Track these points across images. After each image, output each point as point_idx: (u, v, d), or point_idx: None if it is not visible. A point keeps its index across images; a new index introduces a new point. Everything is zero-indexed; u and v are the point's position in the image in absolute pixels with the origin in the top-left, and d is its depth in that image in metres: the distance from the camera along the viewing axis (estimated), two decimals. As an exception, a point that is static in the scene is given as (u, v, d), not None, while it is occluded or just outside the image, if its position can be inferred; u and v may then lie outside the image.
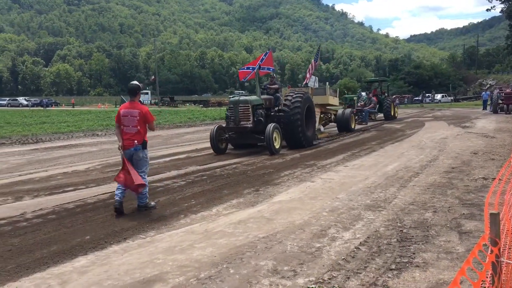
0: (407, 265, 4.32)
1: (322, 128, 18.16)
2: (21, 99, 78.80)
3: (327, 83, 19.41)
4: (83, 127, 24.93)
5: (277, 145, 12.75)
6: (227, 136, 13.38)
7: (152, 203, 6.80)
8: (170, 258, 4.60)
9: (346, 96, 33.50)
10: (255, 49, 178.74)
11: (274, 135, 12.52)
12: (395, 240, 5.06)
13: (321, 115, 18.52)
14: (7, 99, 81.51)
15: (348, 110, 20.07)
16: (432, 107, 47.05)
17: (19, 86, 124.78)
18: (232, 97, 15.42)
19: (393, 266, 4.29)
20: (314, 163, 10.95)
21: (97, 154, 13.70)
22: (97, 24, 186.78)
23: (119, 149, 6.61)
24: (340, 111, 19.86)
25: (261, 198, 7.29)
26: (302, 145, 13.80)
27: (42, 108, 65.53)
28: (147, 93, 77.85)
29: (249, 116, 12.91)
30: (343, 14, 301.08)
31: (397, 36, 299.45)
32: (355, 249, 4.77)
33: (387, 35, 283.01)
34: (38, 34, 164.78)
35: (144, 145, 6.56)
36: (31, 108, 65.98)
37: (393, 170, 9.58)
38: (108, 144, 16.55)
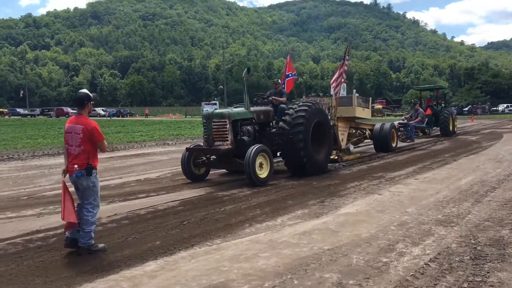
0: (481, 284, 4.10)
1: (351, 148, 14.75)
2: (99, 110, 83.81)
3: (354, 90, 15.76)
4: (155, 137, 25.96)
5: (263, 173, 9.53)
6: (204, 159, 10.34)
7: (100, 245, 5.29)
8: (236, 266, 4.67)
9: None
10: (323, 59, 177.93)
11: (258, 161, 9.40)
12: (468, 257, 4.81)
13: (353, 131, 15.27)
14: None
15: (388, 125, 16.09)
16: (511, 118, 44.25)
17: (98, 97, 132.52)
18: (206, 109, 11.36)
19: (465, 285, 4.08)
20: (382, 175, 10.68)
21: (168, 163, 14.22)
22: (170, 38, 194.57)
23: (62, 174, 5.47)
24: (377, 126, 16.05)
25: (326, 210, 7.22)
26: (307, 172, 10.51)
27: (109, 118, 69.43)
28: (215, 103, 79.66)
29: (226, 134, 9.78)
30: (415, 22, 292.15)
31: (473, 44, 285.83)
32: (424, 266, 4.59)
33: (462, 43, 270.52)
34: (115, 48, 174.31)
35: (88, 170, 5.19)
36: (108, 118, 69.99)
37: (467, 184, 9.12)
38: (177, 153, 17.11)
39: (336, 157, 12.83)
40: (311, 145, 10.55)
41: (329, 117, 12.38)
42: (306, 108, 10.62)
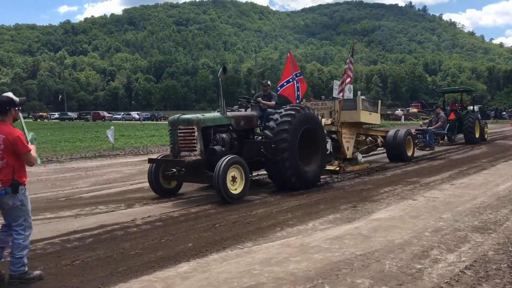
0: (520, 294, 3.97)
1: (359, 157, 13.05)
2: (134, 113, 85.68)
3: (359, 92, 13.93)
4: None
5: (236, 188, 8.27)
6: (174, 171, 8.87)
7: (36, 272, 4.55)
8: (266, 270, 4.69)
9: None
10: (356, 62, 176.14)
11: (230, 174, 8.16)
12: (505, 265, 4.67)
13: (362, 138, 13.91)
14: (122, 113, 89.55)
15: (402, 131, 14.33)
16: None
17: (132, 102, 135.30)
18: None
19: (503, 294, 3.97)
20: (416, 180, 10.49)
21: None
22: (203, 42, 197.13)
23: None
24: (391, 132, 14.33)
25: (358, 215, 7.15)
26: (294, 186, 9.25)
27: (142, 122, 70.82)
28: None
29: (194, 143, 8.56)
30: (452, 24, 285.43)
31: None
32: (459, 273, 4.49)
33: (501, 45, 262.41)
34: (150, 53, 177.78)
35: (14, 187, 4.42)
36: (142, 122, 71.53)
37: (505, 190, 8.85)
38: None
39: (338, 168, 11.66)
40: (299, 155, 9.39)
41: (332, 122, 11.89)
42: (293, 113, 9.39)
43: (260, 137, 9.70)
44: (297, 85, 12.45)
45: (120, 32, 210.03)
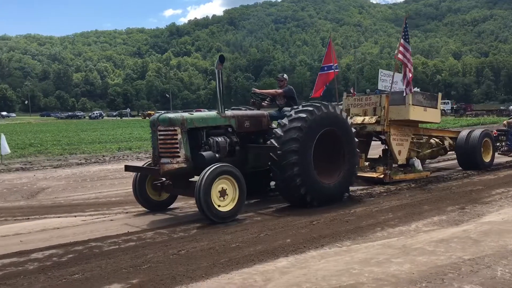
0: None
1: (416, 163, 10.82)
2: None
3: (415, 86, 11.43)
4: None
5: (226, 205, 6.78)
6: (164, 180, 7.45)
7: None
8: (366, 270, 4.59)
9: None
10: (464, 54, 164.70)
11: (217, 187, 6.67)
12: None
13: (424, 140, 11.71)
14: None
15: (477, 132, 11.77)
16: None
17: (231, 99, 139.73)
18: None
19: None
20: (534, 181, 9.58)
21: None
22: (301, 39, 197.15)
23: None
24: (463, 133, 11.83)
25: (467, 217, 6.72)
26: (310, 205, 7.53)
27: None
28: (447, 102, 64.39)
29: (176, 148, 7.01)
30: None
31: None
32: None
33: None
34: (248, 52, 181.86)
35: None
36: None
37: None
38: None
39: (381, 176, 9.78)
40: (316, 167, 7.66)
41: (377, 121, 10.08)
42: (304, 116, 7.55)
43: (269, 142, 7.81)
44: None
45: (221, 33, 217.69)
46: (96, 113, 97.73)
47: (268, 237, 5.91)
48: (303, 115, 7.57)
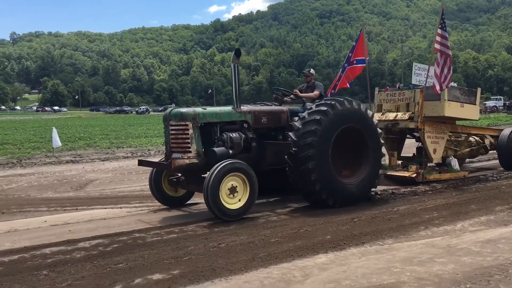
0: None
1: (453, 163, 10.30)
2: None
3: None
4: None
5: (234, 203, 6.63)
6: (179, 176, 7.57)
7: None
8: (408, 269, 4.49)
9: None
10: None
11: (227, 184, 6.55)
12: None
13: (462, 138, 10.97)
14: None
15: None
16: None
17: (273, 95, 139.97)
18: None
19: None
20: None
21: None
22: (346, 34, 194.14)
23: None
24: (506, 131, 11.01)
25: (517, 218, 6.44)
26: (326, 203, 7.27)
27: None
28: (499, 98, 60.65)
29: (187, 143, 6.91)
30: None
31: None
32: None
33: None
34: (292, 47, 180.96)
35: None
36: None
37: None
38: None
39: (414, 175, 9.35)
40: (335, 164, 7.40)
41: (410, 117, 9.63)
42: (325, 109, 7.31)
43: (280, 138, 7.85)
44: (342, 74, 11.24)
45: (264, 28, 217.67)
46: (143, 108, 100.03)
47: (307, 233, 5.89)
48: (324, 108, 7.36)
